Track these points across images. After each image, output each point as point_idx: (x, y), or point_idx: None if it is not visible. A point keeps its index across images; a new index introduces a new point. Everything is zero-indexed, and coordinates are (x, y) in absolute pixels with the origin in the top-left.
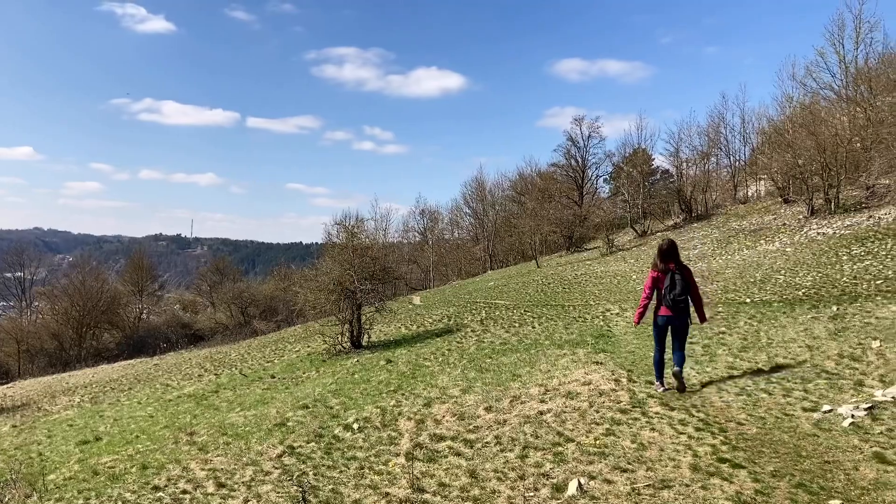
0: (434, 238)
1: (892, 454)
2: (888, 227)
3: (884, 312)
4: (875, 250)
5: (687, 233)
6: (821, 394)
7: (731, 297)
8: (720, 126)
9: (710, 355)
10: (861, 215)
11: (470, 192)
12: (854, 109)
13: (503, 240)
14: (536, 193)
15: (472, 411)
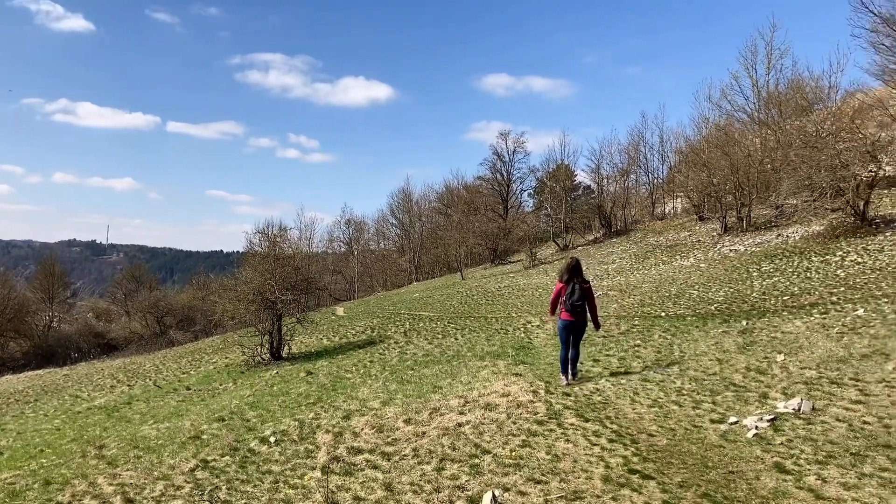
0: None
1: (791, 464)
2: (795, 245)
3: (789, 327)
4: (783, 267)
5: (607, 247)
6: (728, 406)
7: (647, 311)
8: (640, 144)
9: (626, 367)
10: (771, 233)
11: (397, 203)
12: (765, 132)
13: (429, 251)
14: (463, 206)
15: (391, 424)
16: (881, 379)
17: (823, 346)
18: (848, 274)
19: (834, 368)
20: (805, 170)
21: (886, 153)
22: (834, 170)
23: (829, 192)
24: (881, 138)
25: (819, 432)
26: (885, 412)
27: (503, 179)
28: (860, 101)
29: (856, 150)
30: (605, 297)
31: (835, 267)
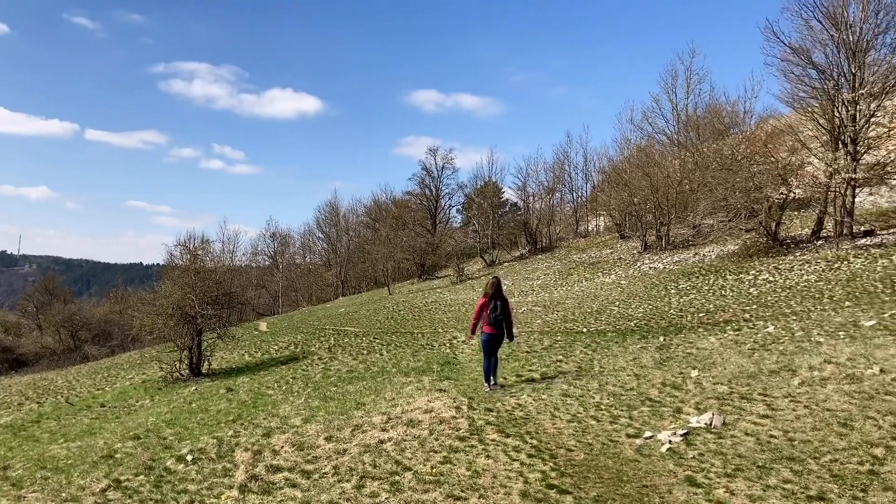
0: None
1: (702, 478)
2: (711, 264)
3: (704, 343)
4: (699, 285)
5: (532, 264)
6: (644, 420)
7: (569, 327)
8: (565, 163)
9: (547, 383)
10: (688, 252)
11: (323, 216)
12: (684, 154)
13: (356, 266)
14: (391, 220)
15: (312, 441)
16: (787, 394)
17: (735, 362)
18: (760, 292)
19: (744, 384)
20: (721, 191)
21: (796, 177)
22: (748, 192)
23: (744, 213)
24: (792, 162)
25: (729, 446)
26: (790, 426)
27: (432, 195)
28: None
29: (768, 174)
30: (530, 312)
31: (748, 285)
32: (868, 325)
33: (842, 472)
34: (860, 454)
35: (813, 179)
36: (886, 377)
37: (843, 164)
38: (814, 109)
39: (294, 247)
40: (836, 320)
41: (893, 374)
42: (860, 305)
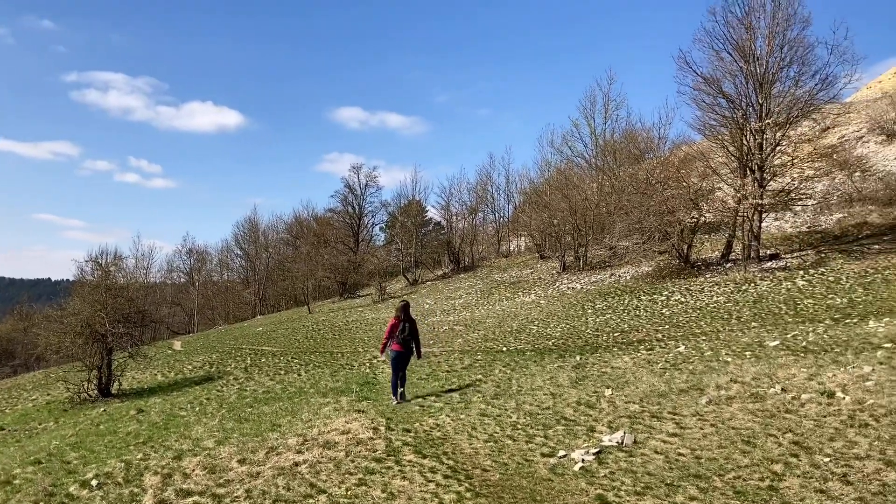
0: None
1: (613, 496)
2: (627, 285)
3: (618, 362)
4: (615, 305)
5: (454, 283)
6: (559, 439)
7: (490, 346)
8: (487, 184)
9: (466, 402)
10: (605, 272)
11: (242, 232)
12: (602, 177)
13: (275, 284)
14: (312, 238)
15: (224, 464)
16: (696, 412)
17: (647, 381)
18: (672, 313)
19: (655, 402)
20: (636, 214)
21: (707, 201)
22: (662, 215)
23: (658, 236)
24: (703, 188)
25: (639, 464)
26: (697, 444)
27: (354, 212)
28: (685, 153)
29: (681, 198)
30: (452, 331)
31: (661, 306)
32: (772, 345)
33: (744, 488)
34: (761, 470)
35: (722, 204)
36: (787, 396)
37: (751, 190)
38: (724, 137)
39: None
40: (743, 340)
41: (794, 392)
42: (765, 326)
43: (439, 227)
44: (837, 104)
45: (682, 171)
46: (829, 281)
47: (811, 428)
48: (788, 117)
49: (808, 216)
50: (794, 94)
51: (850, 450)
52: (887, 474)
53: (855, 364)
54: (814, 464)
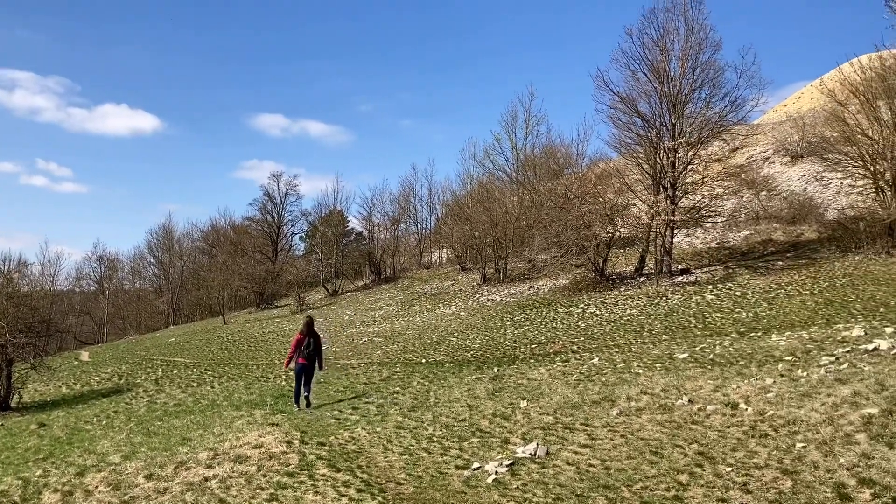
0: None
1: None
2: (545, 297)
3: (534, 374)
4: (533, 317)
5: (375, 294)
6: (473, 451)
7: (409, 358)
8: (410, 195)
9: (382, 415)
10: (524, 285)
11: (156, 240)
12: (522, 191)
13: (190, 293)
14: (229, 247)
15: (130, 480)
16: (607, 424)
17: (562, 393)
18: (588, 325)
19: (568, 414)
20: (554, 228)
21: (622, 217)
22: (579, 229)
23: (575, 250)
24: (618, 203)
25: (551, 476)
26: (608, 455)
27: (273, 221)
28: (602, 169)
29: (597, 213)
30: (371, 343)
31: (577, 318)
32: (681, 357)
33: (651, 498)
34: (668, 480)
35: (636, 220)
36: (694, 407)
37: (664, 207)
38: (638, 155)
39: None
40: (654, 353)
41: (700, 404)
42: (675, 339)
43: (361, 237)
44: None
45: (599, 187)
46: (736, 295)
47: (715, 438)
48: (700, 137)
49: (718, 233)
50: (705, 114)
51: (751, 459)
52: (784, 482)
53: (758, 376)
54: (717, 473)
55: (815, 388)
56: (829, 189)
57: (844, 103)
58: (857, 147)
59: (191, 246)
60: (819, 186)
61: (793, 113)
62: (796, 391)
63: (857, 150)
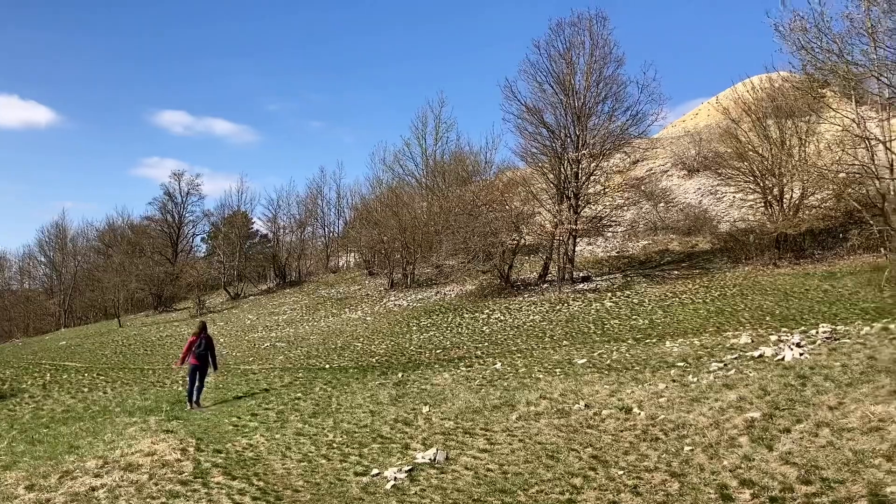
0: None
1: None
2: (451, 303)
3: (438, 379)
4: (439, 323)
5: (279, 298)
6: (373, 458)
7: (312, 363)
8: (318, 198)
9: (282, 421)
10: (431, 290)
11: (48, 238)
12: (431, 197)
13: (83, 294)
14: (126, 247)
15: (10, 491)
16: (506, 428)
17: (464, 398)
18: (492, 330)
19: (469, 419)
20: (462, 234)
21: (527, 225)
22: (485, 236)
23: (481, 256)
24: (524, 212)
25: (449, 481)
26: (506, 459)
27: (174, 221)
28: (509, 178)
29: (504, 221)
30: (273, 348)
31: (482, 324)
32: (580, 362)
33: (546, 501)
34: (562, 484)
35: (541, 228)
36: (590, 411)
37: (567, 216)
38: (544, 165)
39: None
40: (555, 358)
41: (596, 408)
42: (575, 345)
43: (265, 239)
44: (646, 139)
45: (506, 195)
46: (634, 303)
47: (609, 442)
48: (602, 149)
49: (618, 242)
50: (608, 127)
51: (642, 462)
52: (672, 484)
53: (651, 382)
54: (609, 476)
55: (704, 393)
56: (723, 202)
57: (738, 121)
58: (748, 163)
59: (85, 245)
60: (713, 200)
61: (690, 128)
62: (686, 396)
63: (748, 165)
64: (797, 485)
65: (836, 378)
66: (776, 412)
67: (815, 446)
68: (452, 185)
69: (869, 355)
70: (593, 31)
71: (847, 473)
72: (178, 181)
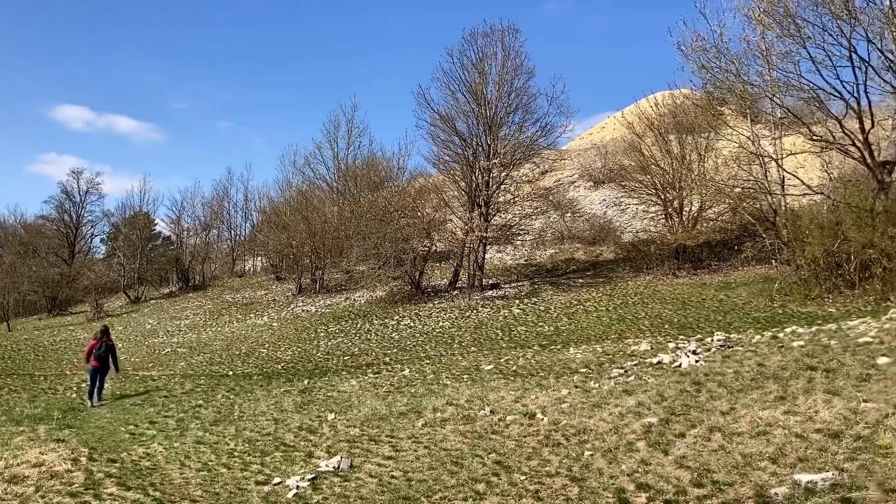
0: None
1: None
2: (361, 309)
3: (345, 386)
4: (348, 329)
5: (182, 302)
6: (275, 466)
7: (215, 370)
8: (224, 200)
9: (182, 429)
10: (340, 296)
11: None
12: (342, 202)
13: None
14: (19, 247)
15: None
16: (412, 435)
17: (370, 405)
18: (401, 337)
19: (375, 426)
20: (373, 240)
21: (438, 231)
22: (397, 242)
23: (392, 262)
24: (436, 218)
25: (353, 489)
26: (411, 466)
27: (72, 221)
28: (421, 185)
29: (415, 227)
30: (174, 354)
31: (391, 330)
32: (487, 368)
33: None
34: (466, 490)
35: (452, 235)
36: (495, 417)
37: (478, 224)
38: (456, 173)
39: None
40: (463, 364)
41: (501, 414)
42: (483, 351)
43: (169, 242)
44: (555, 150)
45: (418, 202)
46: (540, 310)
47: (513, 448)
48: (513, 159)
49: (526, 250)
50: (518, 138)
51: (544, 468)
52: (572, 489)
53: (555, 387)
54: (512, 482)
55: (605, 398)
56: (626, 214)
57: (641, 135)
58: (650, 176)
59: None
60: (618, 211)
61: (597, 141)
62: (588, 402)
63: (650, 179)
64: (690, 488)
65: (728, 384)
66: (672, 417)
67: (708, 450)
68: (364, 190)
69: (759, 362)
70: (505, 42)
71: (736, 476)
72: (77, 179)
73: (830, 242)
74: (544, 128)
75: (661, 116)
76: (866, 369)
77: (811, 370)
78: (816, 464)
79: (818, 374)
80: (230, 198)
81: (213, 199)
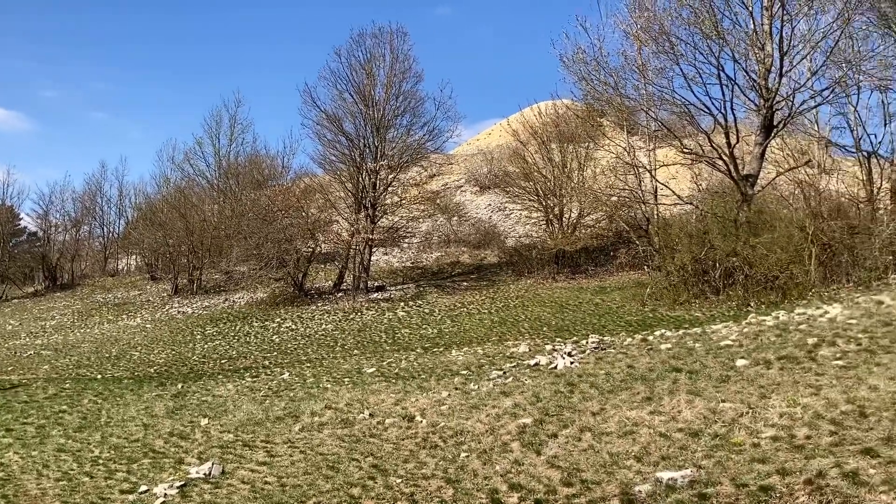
0: None
1: None
2: (240, 311)
3: (221, 390)
4: (226, 331)
5: (48, 302)
6: (143, 474)
7: (82, 373)
8: (97, 195)
9: (42, 437)
10: (219, 297)
11: None
12: (223, 200)
13: None
14: None
15: None
16: (288, 440)
17: (246, 409)
18: (282, 340)
19: (250, 431)
20: (255, 240)
21: (324, 232)
22: (280, 243)
23: (275, 263)
24: (321, 219)
25: (224, 496)
26: (285, 472)
27: None
28: (307, 184)
29: (299, 227)
30: (38, 357)
31: (272, 332)
32: (369, 371)
33: None
34: (341, 495)
35: (337, 236)
36: (374, 421)
37: (364, 225)
38: (342, 173)
39: None
40: (344, 367)
41: (380, 417)
42: (366, 354)
43: (35, 238)
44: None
45: (303, 202)
46: (425, 313)
47: (390, 451)
48: (400, 161)
49: (413, 253)
50: (405, 140)
51: (420, 470)
52: (447, 491)
53: (435, 390)
54: (388, 485)
55: (483, 400)
56: (510, 219)
57: (525, 143)
58: (533, 183)
59: None
60: (502, 216)
61: (484, 147)
62: (467, 403)
63: (533, 185)
64: (560, 487)
65: (600, 385)
66: (546, 418)
67: (578, 450)
68: (247, 189)
69: (629, 364)
70: (394, 45)
71: (603, 474)
72: None
73: (698, 250)
74: (432, 132)
75: (545, 125)
76: (726, 371)
77: (676, 371)
78: (677, 462)
79: (682, 376)
80: (103, 193)
81: (84, 193)
